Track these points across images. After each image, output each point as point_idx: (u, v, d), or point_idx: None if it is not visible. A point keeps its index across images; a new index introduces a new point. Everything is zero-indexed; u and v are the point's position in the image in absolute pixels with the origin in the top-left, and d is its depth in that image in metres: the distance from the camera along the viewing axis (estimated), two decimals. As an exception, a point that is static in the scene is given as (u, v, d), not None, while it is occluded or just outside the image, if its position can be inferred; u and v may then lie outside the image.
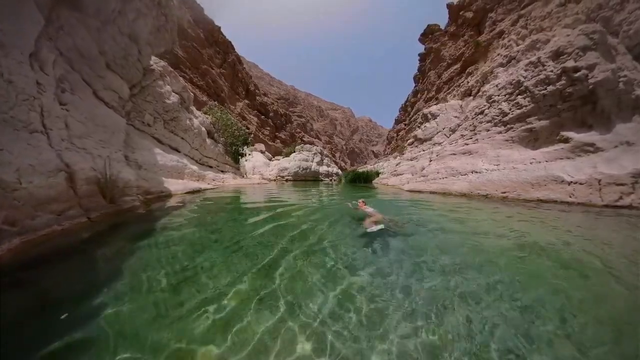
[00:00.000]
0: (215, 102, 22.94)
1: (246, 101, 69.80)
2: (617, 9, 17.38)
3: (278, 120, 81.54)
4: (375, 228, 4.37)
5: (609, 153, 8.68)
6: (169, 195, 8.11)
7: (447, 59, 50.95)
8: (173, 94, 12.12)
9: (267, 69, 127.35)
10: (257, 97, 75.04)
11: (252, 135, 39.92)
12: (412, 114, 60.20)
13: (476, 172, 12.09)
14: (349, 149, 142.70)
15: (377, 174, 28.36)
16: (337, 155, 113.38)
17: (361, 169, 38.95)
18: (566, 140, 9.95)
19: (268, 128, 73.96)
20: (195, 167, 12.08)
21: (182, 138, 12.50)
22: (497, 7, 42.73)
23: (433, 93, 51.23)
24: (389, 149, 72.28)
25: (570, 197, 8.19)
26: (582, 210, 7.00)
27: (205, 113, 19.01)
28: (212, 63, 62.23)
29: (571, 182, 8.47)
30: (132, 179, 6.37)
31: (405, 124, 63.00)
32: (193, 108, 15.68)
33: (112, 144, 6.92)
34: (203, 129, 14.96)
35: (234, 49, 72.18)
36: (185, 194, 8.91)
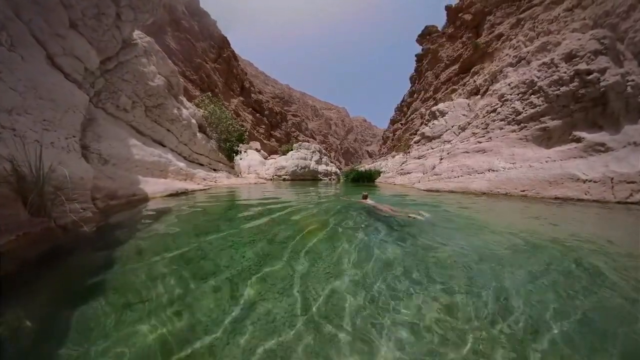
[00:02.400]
0: (209, 93, 20.96)
1: (241, 98, 67.59)
2: (623, 17, 17.99)
3: (273, 118, 79.54)
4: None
5: (618, 152, 9.05)
6: (143, 199, 6.22)
7: (444, 59, 51.18)
8: (159, 76, 10.17)
9: (261, 68, 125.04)
10: (252, 95, 72.89)
11: (247, 133, 37.84)
12: (409, 114, 59.88)
13: (493, 170, 12.04)
14: (344, 148, 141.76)
15: (379, 173, 27.42)
16: (332, 154, 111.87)
17: (361, 167, 37.62)
18: (579, 139, 10.28)
19: (263, 126, 71.89)
20: (182, 164, 10.10)
21: (168, 130, 10.49)
22: (496, 10, 43.57)
23: (431, 93, 51.37)
24: (384, 148, 71.53)
25: (585, 194, 8.48)
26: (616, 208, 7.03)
27: (197, 105, 17.01)
28: (206, 57, 59.86)
29: (586, 180, 8.74)
30: (85, 177, 4.51)
31: (401, 124, 62.50)
32: (183, 98, 13.74)
33: (63, 126, 5.04)
34: (193, 121, 12.99)
35: (229, 44, 69.94)
36: (166, 197, 6.98)
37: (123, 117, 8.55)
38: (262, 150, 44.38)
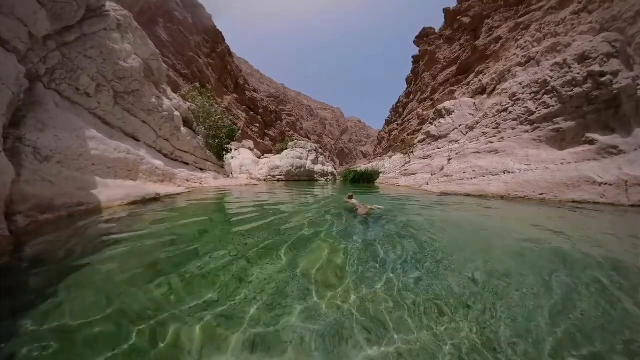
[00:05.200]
0: (196, 84, 19.07)
1: (234, 95, 65.54)
2: (630, 22, 18.30)
3: (268, 117, 77.69)
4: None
5: (630, 155, 8.98)
6: (94, 209, 4.60)
7: (442, 61, 51.28)
8: (134, 57, 8.51)
9: (257, 67, 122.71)
10: (247, 92, 70.92)
11: (240, 131, 35.80)
12: (405, 114, 59.53)
13: (509, 172, 11.61)
14: (338, 148, 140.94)
15: (378, 173, 26.39)
16: (327, 154, 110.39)
17: (357, 167, 36.38)
18: (592, 142, 10.17)
19: (257, 125, 69.98)
20: (158, 163, 8.33)
21: (144, 121, 8.73)
22: (494, 14, 44.02)
23: (428, 94, 51.45)
24: (379, 149, 70.92)
25: (601, 197, 8.34)
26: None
27: (184, 97, 15.25)
28: (199, 51, 57.68)
29: (602, 183, 8.58)
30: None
31: (397, 124, 62.00)
32: (166, 87, 12.08)
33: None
34: (177, 113, 11.30)
35: (224, 40, 67.78)
36: (128, 206, 5.35)
37: (84, 102, 6.89)
38: (255, 150, 42.71)
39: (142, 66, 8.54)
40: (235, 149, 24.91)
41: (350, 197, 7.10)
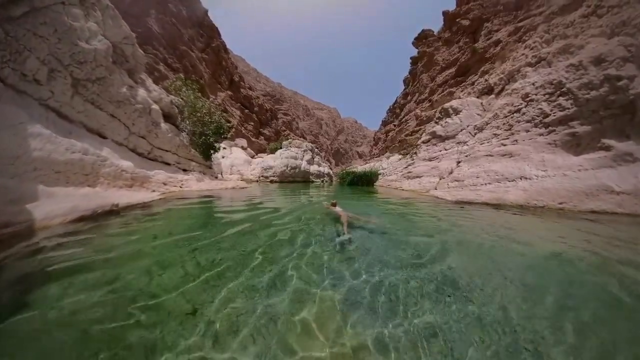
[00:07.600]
0: (181, 75, 17.56)
1: (229, 92, 63.81)
2: (639, 27, 17.68)
3: (263, 115, 76.15)
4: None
5: None
6: (26, 230, 3.37)
7: (440, 63, 50.70)
8: (101, 38, 7.30)
9: (253, 65, 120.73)
10: (242, 90, 69.24)
11: (233, 129, 34.32)
12: (402, 115, 58.94)
13: (526, 178, 10.94)
14: (334, 149, 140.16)
15: (377, 175, 25.03)
16: (323, 154, 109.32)
17: (354, 168, 35.26)
18: (608, 148, 9.88)
19: (252, 123, 68.42)
20: (126, 164, 7.02)
21: (112, 115, 7.46)
22: (494, 17, 43.75)
23: (426, 95, 51.02)
24: (376, 149, 70.19)
25: (619, 207, 8.02)
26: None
27: (167, 89, 13.90)
28: (193, 45, 55.84)
29: (620, 192, 8.30)
30: None
31: (394, 125, 61.33)
32: (145, 77, 10.81)
33: None
34: (155, 107, 10.03)
35: (220, 35, 65.97)
36: (73, 223, 4.12)
37: (33, 91, 5.67)
38: (249, 149, 41.41)
39: (109, 49, 7.28)
40: (224, 147, 23.58)
41: (334, 205, 6.88)
